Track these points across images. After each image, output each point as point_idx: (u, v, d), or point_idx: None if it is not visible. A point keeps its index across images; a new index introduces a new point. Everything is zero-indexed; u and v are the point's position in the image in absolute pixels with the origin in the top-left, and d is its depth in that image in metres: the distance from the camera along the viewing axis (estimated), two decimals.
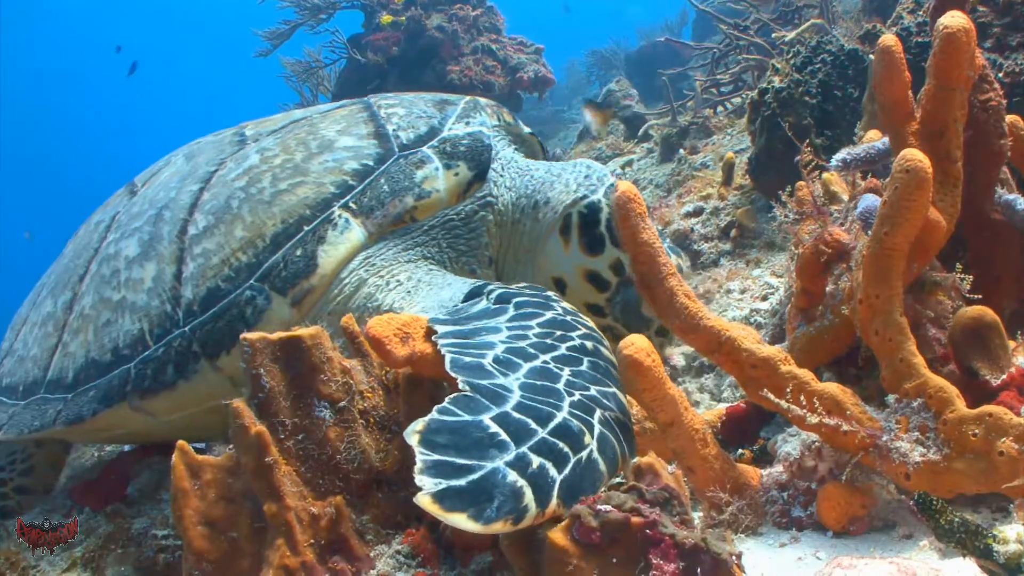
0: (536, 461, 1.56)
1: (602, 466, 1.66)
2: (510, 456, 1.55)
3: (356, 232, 2.75)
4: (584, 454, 1.64)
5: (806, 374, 2.08)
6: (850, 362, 2.44)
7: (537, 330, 2.08)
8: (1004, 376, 2.13)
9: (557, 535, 1.50)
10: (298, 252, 2.70)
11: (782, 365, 2.09)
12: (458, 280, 2.70)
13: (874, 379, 2.26)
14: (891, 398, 2.06)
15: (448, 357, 1.84)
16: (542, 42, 9.94)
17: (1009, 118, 2.50)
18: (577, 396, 1.81)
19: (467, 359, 1.86)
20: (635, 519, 1.49)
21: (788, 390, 2.06)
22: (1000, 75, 3.40)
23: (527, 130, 3.41)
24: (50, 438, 3.27)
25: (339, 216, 2.75)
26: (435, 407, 1.62)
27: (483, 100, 3.31)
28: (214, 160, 3.10)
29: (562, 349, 2.01)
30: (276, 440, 1.83)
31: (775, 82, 4.66)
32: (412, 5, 9.18)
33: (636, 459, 1.66)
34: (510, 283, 2.90)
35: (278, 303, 2.67)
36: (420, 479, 1.45)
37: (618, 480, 1.69)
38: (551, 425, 1.66)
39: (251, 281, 2.69)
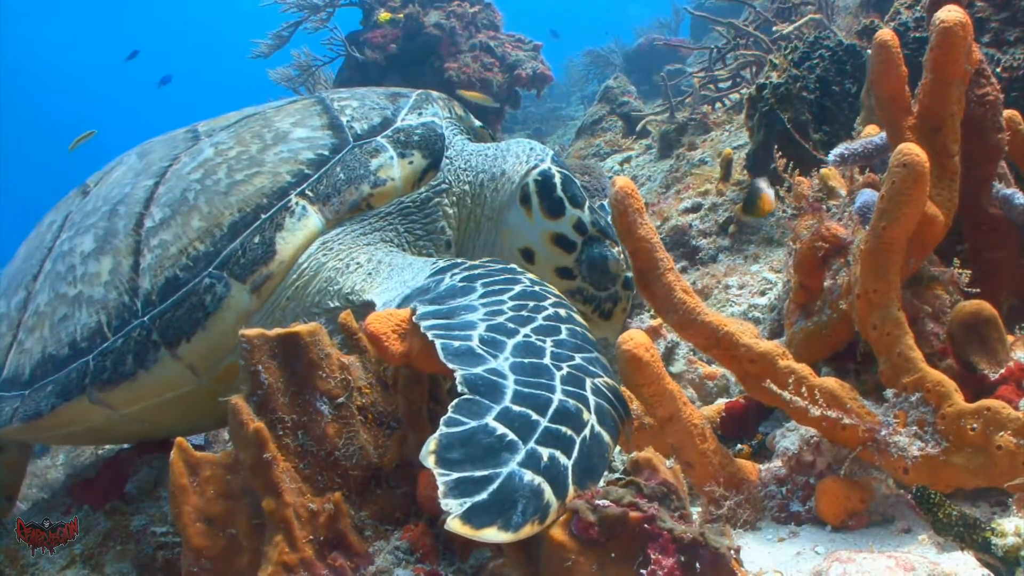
0: (545, 453, 1.57)
1: (606, 437, 1.69)
2: (521, 455, 1.56)
3: (313, 219, 2.77)
4: (587, 432, 1.66)
5: (804, 369, 2.09)
6: (848, 357, 2.44)
7: (511, 303, 2.10)
8: (1002, 370, 2.14)
9: (555, 530, 1.50)
10: (256, 239, 2.71)
11: (780, 360, 2.09)
12: (419, 260, 2.72)
13: (872, 374, 2.26)
14: (889, 392, 2.07)
15: (438, 343, 1.85)
16: (540, 39, 9.93)
17: (1007, 113, 2.50)
18: (565, 369, 1.83)
19: (456, 343, 1.86)
20: (633, 514, 1.49)
21: (787, 385, 2.07)
22: (998, 70, 3.40)
23: (477, 123, 3.46)
24: (7, 438, 3.24)
25: (296, 204, 2.77)
26: (442, 419, 1.62)
27: (435, 93, 3.36)
28: (167, 156, 3.10)
29: (539, 320, 2.04)
30: (275, 436, 1.83)
31: (773, 78, 4.66)
32: (410, 2, 9.16)
33: (635, 454, 1.66)
34: (472, 258, 2.95)
35: (237, 290, 2.67)
36: (446, 503, 1.45)
37: (616, 475, 1.69)
38: (550, 411, 1.67)
39: (210, 269, 2.69)
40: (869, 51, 2.38)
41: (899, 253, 2.05)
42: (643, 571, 1.45)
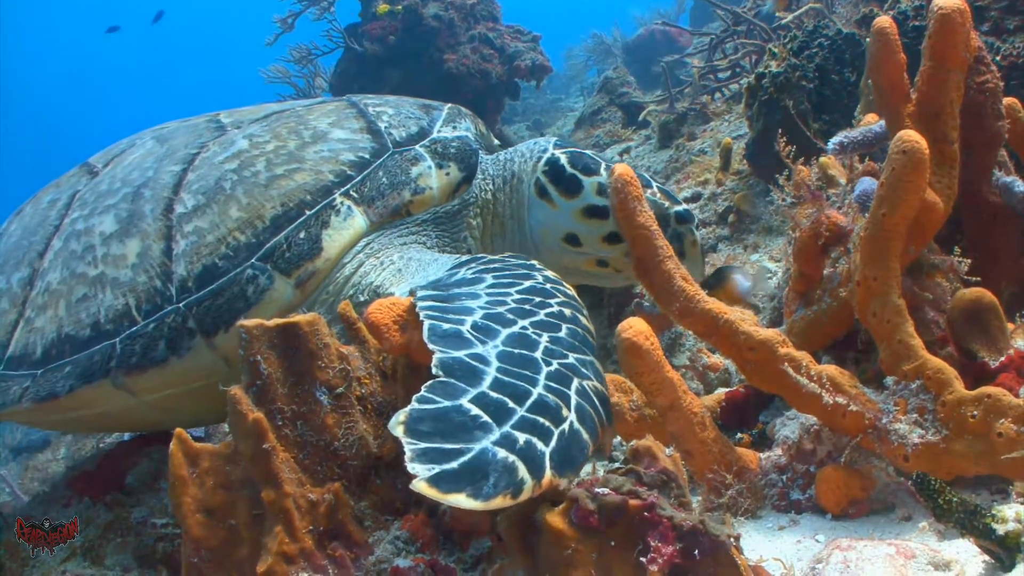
0: (522, 438, 1.57)
1: (585, 435, 1.67)
2: (496, 435, 1.55)
3: (359, 219, 2.79)
4: (566, 426, 1.65)
5: (804, 356, 2.08)
6: (849, 345, 2.44)
7: (516, 296, 2.10)
8: (1003, 358, 2.14)
9: (555, 518, 1.49)
10: (301, 235, 2.72)
11: (780, 348, 2.09)
12: (444, 256, 2.76)
13: (873, 362, 2.26)
14: (889, 380, 2.07)
15: (426, 324, 1.85)
16: (539, 30, 9.90)
17: (1006, 100, 2.49)
18: (555, 365, 1.82)
19: (446, 326, 1.87)
20: (633, 502, 1.48)
21: (787, 373, 2.07)
22: (998, 58, 3.39)
23: (496, 142, 3.52)
24: (8, 420, 3.18)
25: (341, 203, 2.78)
26: (413, 397, 1.61)
27: (464, 109, 3.40)
28: (193, 143, 3.08)
29: (541, 315, 2.02)
30: (274, 427, 1.83)
31: (772, 67, 4.66)
32: None
33: (634, 442, 1.66)
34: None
35: (281, 283, 2.67)
36: (412, 467, 1.45)
37: (617, 464, 1.69)
38: (528, 402, 1.66)
39: (252, 260, 2.69)
40: (868, 39, 2.38)
41: (899, 240, 2.04)
42: (643, 559, 1.45)
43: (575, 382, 1.79)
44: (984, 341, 2.17)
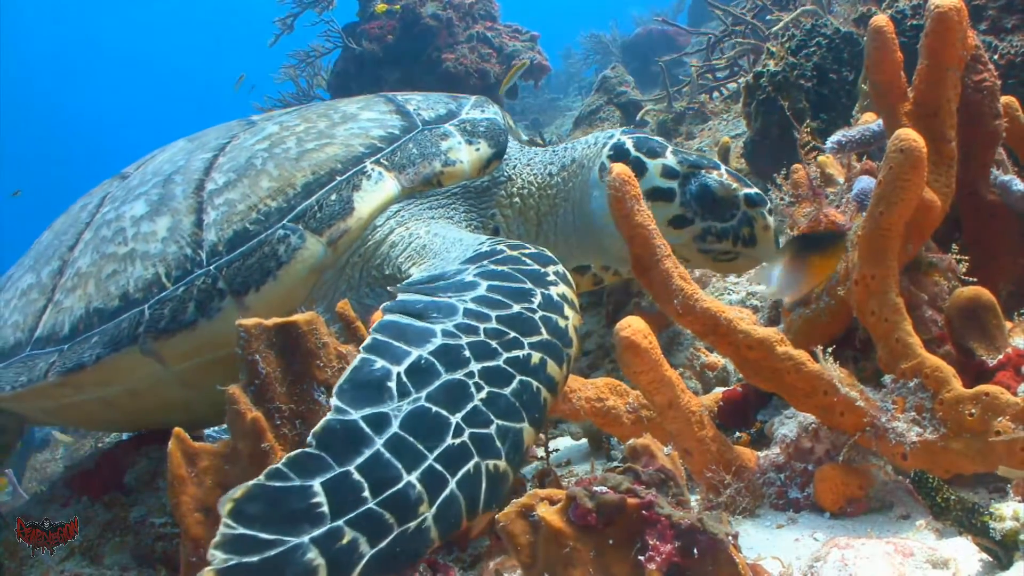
0: (348, 536, 1.51)
1: (433, 532, 1.59)
2: (320, 531, 1.50)
3: (390, 183, 2.80)
4: (413, 524, 1.58)
5: (802, 355, 2.08)
6: (847, 344, 2.43)
7: (492, 326, 2.00)
8: (1000, 356, 2.14)
9: (553, 517, 1.49)
10: (332, 197, 2.73)
11: (778, 346, 2.09)
12: (469, 237, 2.73)
13: (871, 361, 2.26)
14: (888, 379, 2.07)
15: (352, 364, 1.82)
16: (537, 29, 9.91)
17: (1004, 99, 2.50)
18: (464, 437, 1.73)
19: (377, 364, 1.81)
20: (631, 500, 1.48)
21: (786, 372, 2.07)
22: (995, 57, 3.40)
23: (525, 137, 3.55)
24: (27, 404, 3.10)
25: (372, 169, 2.81)
26: (265, 470, 1.57)
27: (490, 100, 3.42)
28: (224, 136, 3.12)
29: (501, 359, 1.92)
30: (272, 426, 1.83)
31: (770, 66, 4.66)
32: None
33: (632, 440, 1.66)
34: (554, 236, 3.03)
35: (312, 241, 2.67)
36: (212, 553, 1.41)
37: (615, 463, 1.68)
38: (385, 494, 1.59)
39: (284, 222, 2.70)
40: (865, 38, 2.38)
41: (897, 238, 2.05)
42: (641, 557, 1.45)
43: (470, 463, 1.70)
44: (982, 339, 2.17)
